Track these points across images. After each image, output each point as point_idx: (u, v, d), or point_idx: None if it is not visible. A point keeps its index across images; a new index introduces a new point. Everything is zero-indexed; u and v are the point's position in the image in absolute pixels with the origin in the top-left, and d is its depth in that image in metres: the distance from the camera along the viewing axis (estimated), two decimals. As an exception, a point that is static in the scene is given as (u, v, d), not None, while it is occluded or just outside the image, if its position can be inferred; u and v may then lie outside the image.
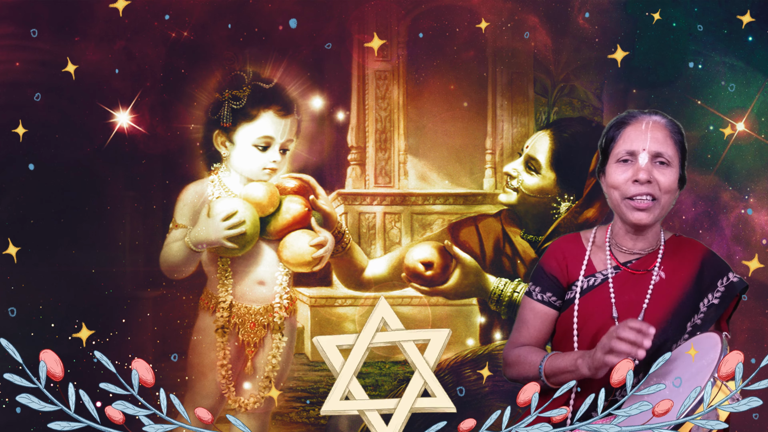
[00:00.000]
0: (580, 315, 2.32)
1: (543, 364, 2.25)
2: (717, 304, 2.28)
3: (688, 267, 2.31)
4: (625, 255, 2.33)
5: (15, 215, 3.70)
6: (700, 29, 3.87)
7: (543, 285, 2.37)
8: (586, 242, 2.38)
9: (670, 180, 2.25)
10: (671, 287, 2.29)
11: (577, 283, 2.33)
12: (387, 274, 3.99)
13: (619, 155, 2.27)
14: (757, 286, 3.83)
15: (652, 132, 2.27)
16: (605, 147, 2.32)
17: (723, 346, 2.04)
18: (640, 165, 2.24)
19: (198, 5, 3.75)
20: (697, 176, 3.91)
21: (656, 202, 2.25)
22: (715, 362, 2.00)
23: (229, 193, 3.77)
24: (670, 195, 2.27)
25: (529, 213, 3.97)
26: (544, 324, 2.37)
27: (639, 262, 2.32)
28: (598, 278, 2.33)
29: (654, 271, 2.31)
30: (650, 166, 2.24)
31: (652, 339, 2.03)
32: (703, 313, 2.27)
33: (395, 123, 4.05)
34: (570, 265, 2.35)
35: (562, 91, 4.04)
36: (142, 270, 3.80)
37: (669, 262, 2.32)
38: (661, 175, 2.24)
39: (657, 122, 2.30)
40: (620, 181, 2.26)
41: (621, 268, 2.32)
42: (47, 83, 3.67)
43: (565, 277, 2.36)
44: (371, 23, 3.94)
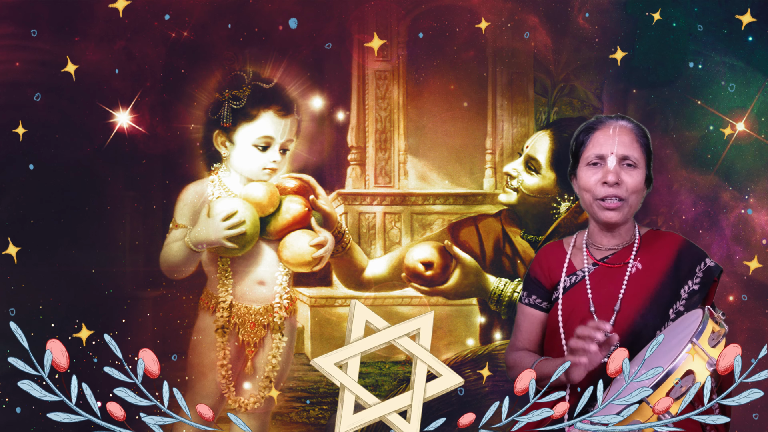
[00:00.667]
0: (563, 311, 2.45)
1: (534, 367, 2.39)
2: (698, 289, 2.39)
3: (664, 256, 2.43)
4: (601, 252, 2.47)
5: (15, 215, 3.70)
6: (700, 29, 3.87)
7: (529, 289, 2.54)
8: (567, 246, 2.54)
9: (637, 181, 2.40)
10: (648, 277, 2.41)
11: (560, 282, 2.48)
12: (387, 274, 3.99)
13: (589, 159, 2.43)
14: (757, 286, 3.84)
15: (620, 136, 2.41)
16: (576, 151, 2.48)
17: (704, 317, 2.11)
18: (608, 168, 2.39)
19: (198, 5, 3.75)
20: (697, 176, 3.91)
21: (624, 202, 2.39)
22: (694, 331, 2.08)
23: (229, 193, 3.78)
24: (637, 194, 2.42)
25: (529, 213, 3.97)
26: (533, 326, 2.53)
27: (615, 256, 2.46)
28: (578, 276, 2.47)
29: (629, 263, 2.43)
30: (618, 168, 2.39)
31: (605, 332, 2.16)
32: (685, 299, 2.38)
33: (395, 123, 4.05)
34: (552, 267, 2.51)
35: (562, 91, 4.04)
36: (142, 270, 3.80)
37: (645, 253, 2.44)
38: (629, 176, 2.39)
39: (624, 127, 2.44)
40: (590, 183, 2.42)
41: (598, 264, 2.46)
42: (47, 83, 3.67)
43: (548, 280, 2.51)
44: (371, 23, 3.94)
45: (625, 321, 2.37)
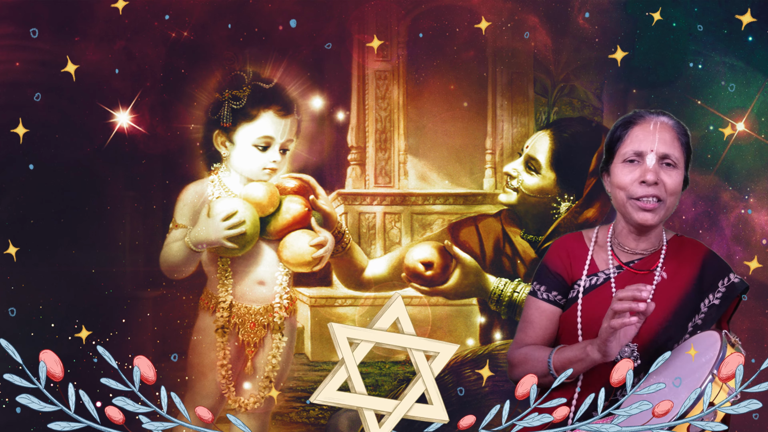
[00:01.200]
0: (583, 314, 2.32)
1: (551, 357, 2.24)
2: (718, 304, 2.28)
3: (689, 267, 2.32)
4: (627, 255, 2.34)
5: (15, 215, 3.69)
6: (700, 29, 3.87)
7: (548, 284, 2.37)
8: (589, 241, 2.38)
9: (676, 182, 2.27)
10: (672, 288, 2.29)
11: (580, 281, 2.34)
12: (387, 274, 3.99)
13: (626, 155, 2.28)
14: (757, 286, 3.83)
15: (660, 133, 2.28)
16: (611, 146, 2.32)
17: (723, 344, 2.04)
18: (647, 166, 2.25)
19: (198, 5, 3.75)
20: (697, 176, 3.91)
21: (662, 203, 2.25)
22: (714, 360, 2.01)
23: (229, 193, 3.77)
24: (675, 196, 2.28)
25: (529, 213, 3.97)
26: (551, 323, 2.36)
27: (641, 262, 2.33)
28: (600, 278, 2.33)
29: (656, 271, 2.31)
30: (657, 167, 2.25)
31: (649, 293, 2.03)
32: (704, 313, 2.28)
33: (395, 123, 4.05)
34: (573, 263, 2.36)
35: (562, 91, 4.04)
36: (142, 270, 3.80)
37: (671, 262, 2.32)
38: (668, 176, 2.25)
39: (665, 123, 2.31)
40: (627, 181, 2.26)
41: (623, 268, 2.33)
42: (47, 83, 3.66)
43: (569, 275, 2.36)
44: (371, 23, 3.94)
45: (647, 333, 2.25)
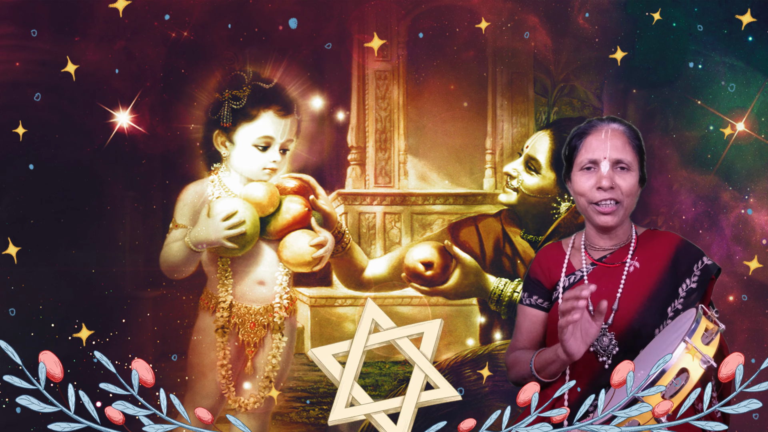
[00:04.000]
0: None
1: (532, 360, 2.39)
2: (695, 288, 2.39)
3: (662, 255, 2.43)
4: (599, 252, 2.48)
5: (15, 215, 3.70)
6: (700, 29, 3.87)
7: (530, 290, 2.54)
8: (566, 247, 2.54)
9: (631, 183, 2.40)
10: (646, 275, 2.41)
11: (560, 283, 2.49)
12: (387, 274, 3.99)
13: (582, 164, 2.43)
14: (757, 286, 3.84)
15: (612, 140, 2.41)
16: (569, 156, 2.47)
17: (698, 315, 2.12)
18: (602, 173, 2.39)
19: (198, 5, 3.75)
20: (697, 176, 3.91)
21: (619, 205, 2.40)
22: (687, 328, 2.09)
23: (229, 193, 3.78)
24: (632, 197, 2.43)
25: (529, 213, 3.97)
26: (534, 326, 2.52)
27: (612, 256, 2.46)
28: (577, 276, 2.48)
29: (627, 262, 2.44)
30: (611, 172, 2.39)
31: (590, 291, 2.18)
32: (683, 297, 2.38)
33: (395, 123, 4.05)
34: (552, 268, 2.52)
35: (562, 91, 4.04)
36: (142, 270, 3.80)
37: (643, 252, 2.45)
38: (622, 180, 2.39)
39: (615, 130, 2.44)
40: (585, 188, 2.42)
41: (596, 264, 2.46)
42: (47, 83, 3.67)
43: (548, 280, 2.51)
44: (371, 23, 3.94)
45: (623, 320, 2.38)
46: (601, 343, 2.37)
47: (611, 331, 2.37)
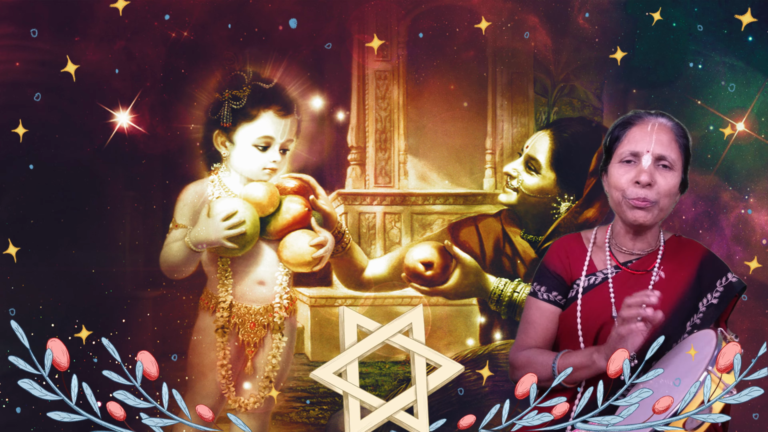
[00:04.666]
0: (582, 313, 2.34)
1: (556, 362, 2.25)
2: (716, 304, 2.29)
3: (687, 267, 2.33)
4: (624, 255, 2.35)
5: (15, 215, 3.69)
6: (700, 29, 3.87)
7: (548, 284, 2.38)
8: (587, 242, 2.40)
9: (671, 184, 2.27)
10: (670, 287, 2.30)
11: (579, 281, 2.35)
12: (387, 274, 3.99)
13: (623, 155, 2.29)
14: (757, 286, 3.83)
15: (657, 134, 2.28)
16: (609, 146, 2.33)
17: (718, 341, 2.06)
18: (642, 167, 2.25)
19: (198, 5, 3.75)
20: (697, 176, 3.90)
21: (655, 204, 2.26)
22: (709, 356, 2.02)
23: (229, 193, 3.78)
24: (670, 198, 2.29)
25: (529, 213, 3.97)
26: (551, 323, 2.37)
27: (639, 262, 2.34)
28: (598, 277, 2.35)
29: (653, 271, 2.33)
30: (653, 168, 2.25)
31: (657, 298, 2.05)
32: (702, 312, 2.29)
33: (395, 123, 4.05)
34: (572, 263, 2.37)
35: (562, 91, 4.04)
36: (142, 270, 3.80)
37: (668, 262, 2.33)
38: (663, 178, 2.26)
39: (663, 125, 2.31)
40: (622, 181, 2.27)
41: (621, 268, 2.34)
42: (47, 83, 3.66)
43: (569, 275, 2.37)
44: (371, 23, 3.94)
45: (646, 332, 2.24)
46: None
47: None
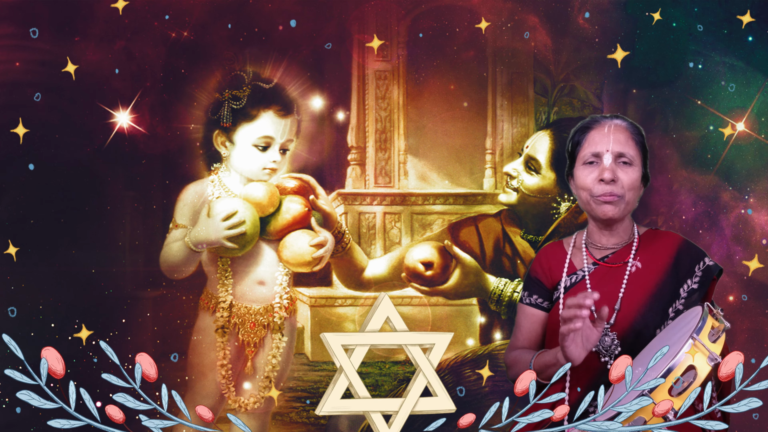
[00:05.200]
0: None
1: (532, 361, 2.39)
2: (696, 288, 2.39)
3: (664, 256, 2.44)
4: (600, 251, 2.48)
5: (15, 215, 3.70)
6: (700, 29, 3.87)
7: (530, 289, 2.54)
8: (567, 246, 2.54)
9: (633, 178, 2.41)
10: (648, 276, 2.42)
11: (561, 282, 2.48)
12: (387, 274, 3.99)
13: (585, 158, 2.44)
14: (757, 286, 3.84)
15: (614, 134, 2.42)
16: (572, 151, 2.49)
17: (704, 313, 2.12)
18: (604, 165, 2.40)
19: (198, 5, 3.75)
20: (697, 176, 3.91)
21: (621, 198, 2.40)
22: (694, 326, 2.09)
23: (229, 193, 3.78)
24: (634, 191, 2.42)
25: (529, 213, 3.97)
26: (534, 325, 2.52)
27: (614, 255, 2.46)
28: (579, 275, 2.48)
29: (629, 262, 2.44)
30: (614, 165, 2.40)
31: (593, 300, 2.17)
32: (684, 298, 2.39)
33: (395, 123, 4.05)
34: (553, 267, 2.51)
35: (562, 91, 4.04)
36: (142, 270, 3.80)
37: (645, 252, 2.45)
38: (624, 173, 2.40)
39: (618, 125, 2.45)
40: (588, 181, 2.43)
41: (598, 264, 2.46)
42: (47, 83, 3.67)
43: (549, 280, 2.51)
44: (371, 23, 3.94)
45: (625, 320, 2.38)
46: (604, 343, 2.37)
47: (613, 331, 2.37)
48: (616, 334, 2.37)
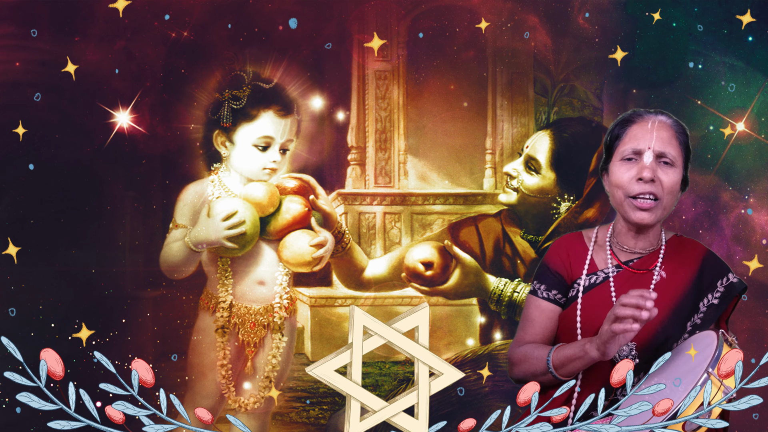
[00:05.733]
0: (582, 312, 2.33)
1: (550, 355, 2.25)
2: (716, 304, 2.29)
3: (688, 267, 2.32)
4: (626, 254, 2.35)
5: (15, 215, 3.69)
6: (700, 29, 3.87)
7: (548, 283, 2.38)
8: (588, 241, 2.40)
9: (673, 180, 2.27)
10: (672, 287, 2.30)
11: (580, 280, 2.35)
12: (387, 274, 3.99)
13: (624, 153, 2.28)
14: (757, 286, 3.83)
15: (658, 131, 2.28)
16: (610, 144, 2.33)
17: (719, 343, 2.05)
18: (644, 163, 2.25)
19: (198, 5, 3.75)
20: (697, 176, 3.90)
21: (658, 202, 2.26)
22: (710, 358, 2.02)
23: (229, 193, 3.78)
24: (672, 196, 2.29)
25: (529, 213, 3.97)
26: (550, 321, 2.37)
27: (640, 261, 2.34)
28: (600, 276, 2.35)
29: (655, 270, 2.32)
30: (654, 165, 2.25)
31: (653, 302, 2.04)
32: (702, 312, 2.28)
33: (395, 123, 4.05)
34: (573, 262, 2.37)
35: (562, 91, 4.04)
36: (142, 270, 3.80)
37: (670, 261, 2.33)
38: (665, 174, 2.26)
39: (663, 122, 2.31)
40: (624, 179, 2.27)
41: (622, 267, 2.34)
42: (47, 83, 3.67)
43: (569, 274, 2.37)
44: (371, 23, 3.94)
45: (647, 332, 2.25)
46: (621, 351, 2.26)
47: (633, 341, 2.25)
48: (635, 345, 2.26)
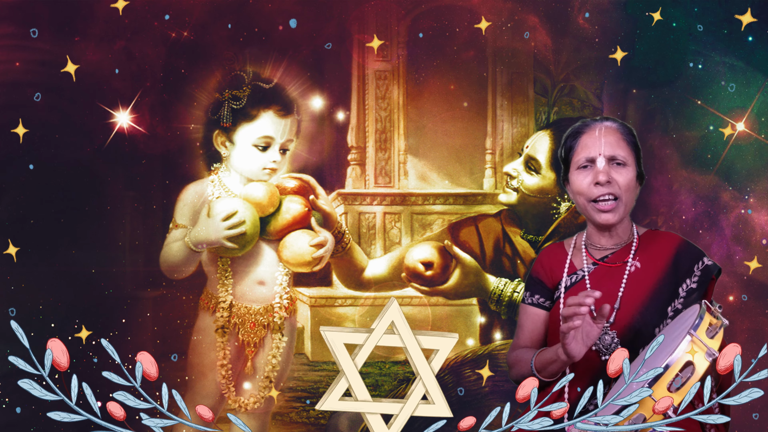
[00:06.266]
0: None
1: (533, 359, 2.43)
2: (695, 287, 2.43)
3: (663, 256, 2.47)
4: (600, 252, 2.52)
5: (15, 215, 3.70)
6: (700, 29, 3.87)
7: (531, 290, 2.58)
8: (568, 247, 2.59)
9: (628, 178, 2.45)
10: (647, 275, 2.45)
11: (562, 282, 2.53)
12: (387, 274, 3.99)
13: (579, 162, 2.47)
14: (757, 286, 3.84)
15: (606, 137, 2.46)
16: (565, 156, 2.53)
17: (701, 310, 2.14)
18: (598, 168, 2.43)
19: (198, 5, 3.75)
20: (697, 176, 3.91)
21: (618, 201, 2.44)
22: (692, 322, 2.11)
23: (229, 193, 3.78)
24: (631, 192, 2.47)
25: (529, 213, 3.97)
26: (536, 325, 2.56)
27: (614, 255, 2.50)
28: (579, 275, 2.52)
29: (629, 262, 2.48)
30: (608, 168, 2.44)
31: (594, 298, 2.20)
32: (683, 297, 2.42)
33: (395, 123, 4.05)
34: (554, 268, 2.56)
35: (562, 91, 4.04)
36: (142, 270, 3.80)
37: (644, 252, 2.49)
38: (619, 174, 2.44)
39: (609, 127, 2.49)
40: (583, 185, 2.46)
41: (598, 264, 2.50)
42: (47, 83, 3.67)
43: (550, 280, 2.55)
44: (371, 23, 3.94)
45: (625, 319, 2.41)
46: (603, 341, 2.40)
47: (613, 329, 2.40)
48: (615, 333, 2.40)
